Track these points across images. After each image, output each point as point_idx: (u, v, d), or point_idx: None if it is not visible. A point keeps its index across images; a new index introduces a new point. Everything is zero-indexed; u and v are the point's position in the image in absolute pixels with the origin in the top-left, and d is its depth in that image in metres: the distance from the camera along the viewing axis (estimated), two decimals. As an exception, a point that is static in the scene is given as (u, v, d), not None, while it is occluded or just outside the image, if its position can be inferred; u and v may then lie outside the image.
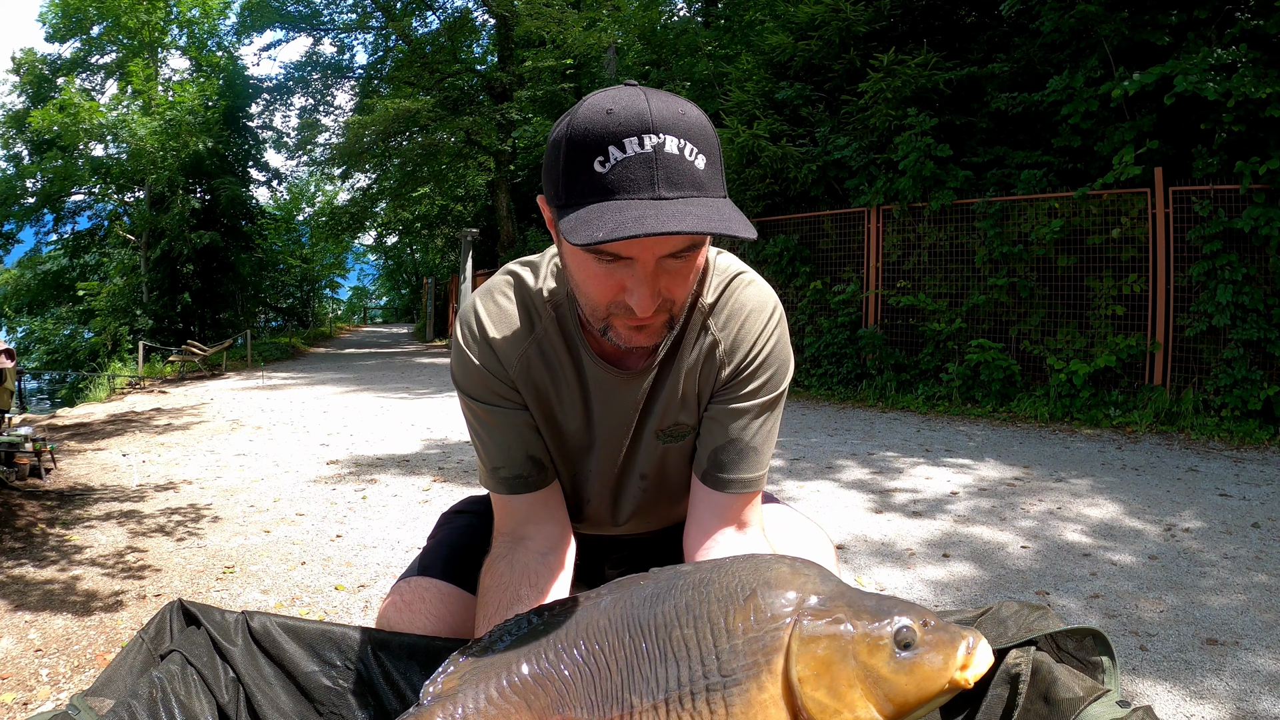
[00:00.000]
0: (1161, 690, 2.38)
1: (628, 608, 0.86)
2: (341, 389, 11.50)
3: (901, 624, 0.80)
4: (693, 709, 0.80)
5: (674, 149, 0.84)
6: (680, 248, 0.90)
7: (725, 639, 0.81)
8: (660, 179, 0.84)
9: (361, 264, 44.07)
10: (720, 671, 0.80)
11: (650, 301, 0.91)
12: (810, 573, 0.85)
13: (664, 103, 0.87)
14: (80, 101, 17.11)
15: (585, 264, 0.93)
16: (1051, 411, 7.21)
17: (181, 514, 4.59)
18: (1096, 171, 7.47)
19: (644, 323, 0.95)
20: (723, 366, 1.11)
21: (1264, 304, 6.44)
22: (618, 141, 0.84)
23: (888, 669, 0.79)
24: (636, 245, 0.88)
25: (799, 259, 9.53)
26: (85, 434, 7.60)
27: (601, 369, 1.10)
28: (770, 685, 0.79)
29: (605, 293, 0.93)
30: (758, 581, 0.84)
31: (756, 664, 0.80)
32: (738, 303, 1.11)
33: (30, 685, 2.54)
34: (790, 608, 0.82)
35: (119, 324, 17.75)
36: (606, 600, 0.88)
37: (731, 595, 0.83)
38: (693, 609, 0.83)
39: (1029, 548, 3.71)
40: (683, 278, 0.94)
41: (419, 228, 29.76)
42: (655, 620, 0.84)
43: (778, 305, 1.14)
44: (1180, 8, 7.09)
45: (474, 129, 19.52)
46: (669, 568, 0.90)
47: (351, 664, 1.06)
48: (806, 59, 9.79)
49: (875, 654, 0.79)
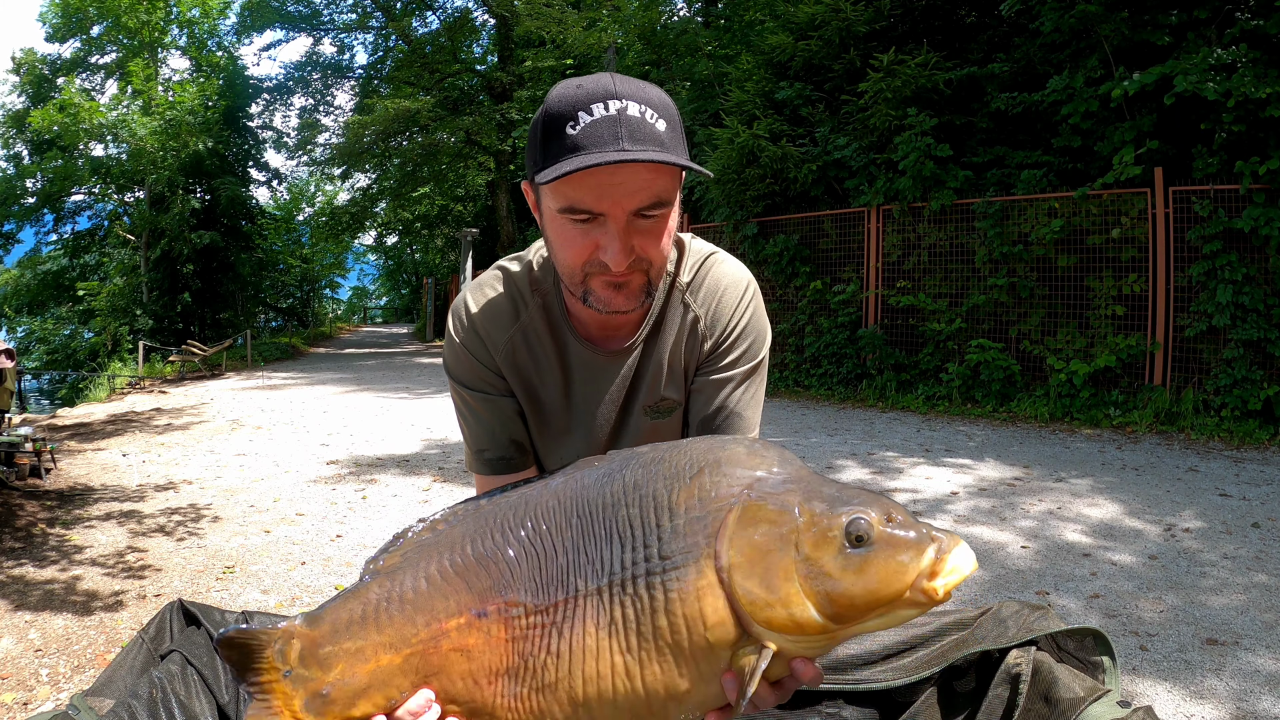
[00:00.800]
0: (1161, 690, 2.38)
1: (578, 488, 0.81)
2: (341, 389, 11.50)
3: (858, 515, 0.70)
4: (633, 593, 0.74)
5: (636, 113, 0.93)
6: (647, 203, 0.95)
7: (668, 518, 0.75)
8: (624, 135, 0.92)
9: (361, 264, 44.03)
10: (660, 554, 0.74)
11: (623, 255, 0.97)
12: (769, 454, 0.78)
13: (627, 80, 0.96)
14: (80, 101, 17.10)
15: (563, 228, 0.99)
16: (1051, 411, 7.20)
17: (181, 514, 4.59)
18: (1096, 171, 7.47)
19: (620, 279, 1.00)
20: (704, 340, 1.17)
21: (1264, 304, 6.44)
22: (586, 108, 0.93)
23: (834, 564, 0.70)
24: (607, 199, 0.94)
25: (799, 259, 9.53)
26: (85, 434, 7.60)
27: (587, 350, 1.15)
28: (710, 571, 0.73)
29: (581, 253, 0.99)
30: (708, 460, 0.77)
31: (697, 546, 0.73)
32: (714, 279, 1.17)
33: (30, 685, 2.54)
34: (738, 487, 0.75)
35: (119, 324, 17.74)
36: (557, 481, 0.84)
37: (679, 473, 0.77)
38: (640, 487, 0.78)
39: (1029, 548, 3.71)
40: (655, 237, 0.99)
41: (419, 228, 29.77)
42: (604, 500, 0.79)
43: (751, 280, 1.21)
44: (1180, 8, 7.09)
45: (474, 129, 19.52)
46: (626, 449, 0.85)
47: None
48: (806, 59, 9.78)
49: (821, 546, 0.70)
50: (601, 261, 0.98)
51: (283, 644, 0.82)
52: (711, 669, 0.74)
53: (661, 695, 0.75)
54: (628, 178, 0.94)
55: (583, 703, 0.76)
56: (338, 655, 0.81)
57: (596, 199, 0.94)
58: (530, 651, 0.77)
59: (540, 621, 0.77)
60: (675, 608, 0.73)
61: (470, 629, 0.79)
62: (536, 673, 0.77)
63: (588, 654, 0.75)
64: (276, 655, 0.82)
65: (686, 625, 0.73)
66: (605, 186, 0.94)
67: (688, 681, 0.75)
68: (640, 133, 0.92)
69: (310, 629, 0.82)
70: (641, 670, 0.74)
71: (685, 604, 0.73)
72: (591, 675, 0.75)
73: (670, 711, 0.77)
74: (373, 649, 0.80)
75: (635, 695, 0.75)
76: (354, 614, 0.82)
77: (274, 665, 0.82)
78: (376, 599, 0.82)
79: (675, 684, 0.75)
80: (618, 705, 0.76)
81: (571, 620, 0.76)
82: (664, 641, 0.73)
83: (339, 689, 0.81)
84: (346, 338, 28.37)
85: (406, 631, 0.80)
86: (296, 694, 0.81)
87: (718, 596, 0.72)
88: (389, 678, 0.80)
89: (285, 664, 0.81)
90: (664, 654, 0.74)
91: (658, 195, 0.96)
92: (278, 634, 0.82)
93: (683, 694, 0.75)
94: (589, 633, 0.75)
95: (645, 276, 1.02)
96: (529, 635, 0.78)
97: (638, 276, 1.01)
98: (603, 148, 0.91)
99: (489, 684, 0.79)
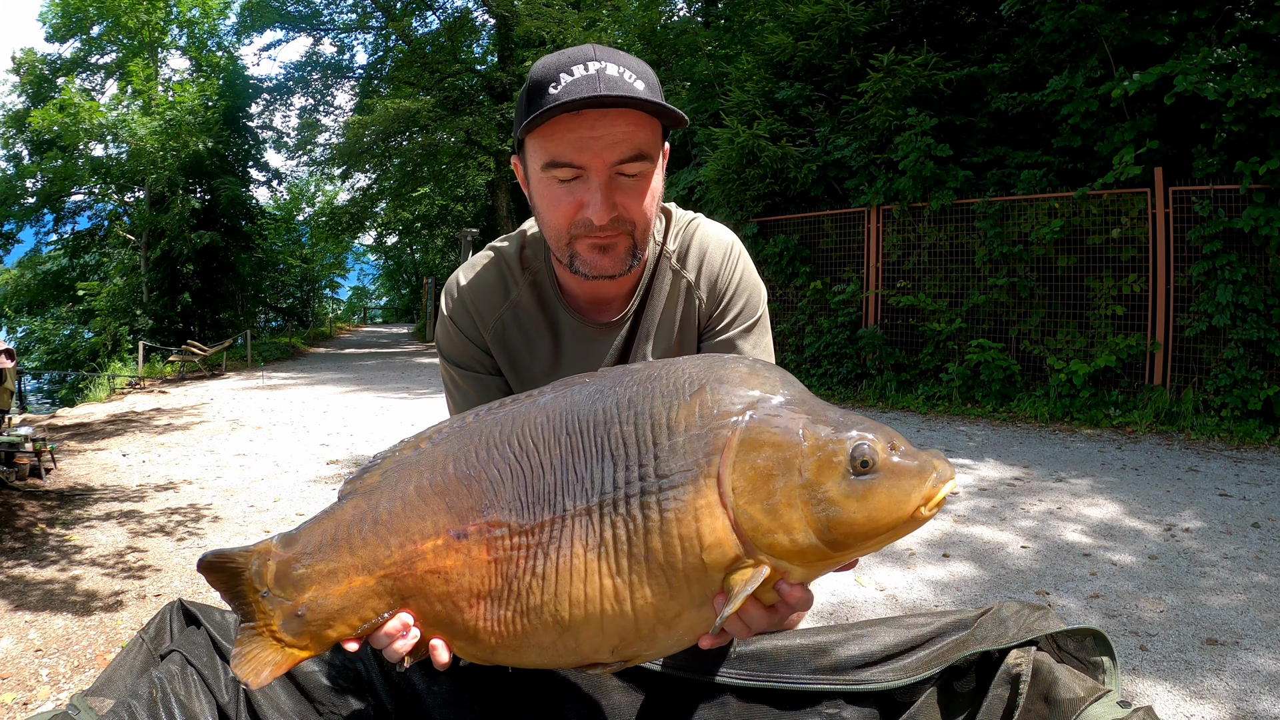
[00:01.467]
0: (1162, 690, 2.38)
1: (568, 404, 0.78)
2: (341, 389, 11.50)
3: (863, 442, 0.69)
4: (626, 513, 0.72)
5: (614, 72, 0.96)
6: (628, 154, 0.98)
7: (666, 436, 0.73)
8: (602, 88, 0.94)
9: (361, 264, 44.04)
10: (656, 473, 0.72)
11: (605, 209, 0.99)
12: (771, 375, 0.76)
13: (609, 50, 1.00)
14: (80, 101, 17.10)
15: (548, 189, 1.01)
16: (1051, 411, 7.20)
17: (181, 514, 4.59)
18: (1096, 171, 7.47)
19: (605, 240, 1.02)
20: (701, 303, 1.19)
21: (1264, 304, 6.44)
22: (567, 69, 0.96)
23: (838, 491, 0.69)
24: (587, 151, 0.97)
25: (799, 259, 9.53)
26: (85, 434, 7.60)
27: (579, 322, 1.17)
28: (709, 491, 0.71)
29: (566, 213, 1.01)
30: (709, 377, 0.75)
31: (696, 465, 0.71)
32: (700, 243, 1.19)
33: (30, 685, 2.54)
34: (740, 406, 0.72)
35: (119, 324, 17.74)
36: (547, 397, 0.81)
37: (678, 390, 0.75)
38: (635, 404, 0.75)
39: (1029, 548, 3.71)
40: (637, 195, 1.01)
41: (419, 228, 29.78)
42: (595, 417, 0.76)
43: (736, 240, 1.23)
44: (1180, 8, 7.09)
45: (474, 129, 19.52)
46: (618, 365, 0.83)
47: (351, 664, 1.06)
48: (806, 59, 9.78)
49: (826, 472, 0.69)
50: (586, 220, 1.00)
51: (259, 565, 0.81)
52: (703, 592, 0.73)
53: (651, 619, 0.73)
54: (607, 130, 0.96)
55: (569, 626, 0.74)
56: (311, 577, 0.80)
57: (577, 151, 0.97)
58: (514, 574, 0.75)
59: (525, 543, 0.75)
60: (671, 528, 0.71)
61: (448, 551, 0.77)
62: (521, 596, 0.75)
63: (575, 576, 0.73)
64: (255, 577, 0.81)
65: (682, 546, 0.71)
66: (585, 140, 0.96)
67: (679, 605, 0.73)
68: (619, 87, 0.95)
69: (284, 550, 0.81)
70: (632, 593, 0.72)
71: (682, 525, 0.71)
72: (579, 598, 0.73)
73: (659, 636, 0.75)
74: (345, 571, 0.79)
75: (624, 618, 0.73)
76: (327, 535, 0.80)
77: (254, 586, 0.81)
78: (351, 519, 0.80)
79: (666, 607, 0.73)
80: (605, 629, 0.74)
81: (559, 541, 0.74)
82: (656, 563, 0.72)
83: (313, 610, 0.80)
84: (346, 338, 28.38)
85: (379, 554, 0.78)
86: (275, 615, 0.81)
87: (716, 518, 0.70)
88: (363, 599, 0.79)
89: (263, 585, 0.81)
90: (656, 576, 0.72)
91: (638, 148, 0.98)
92: (254, 555, 0.81)
93: (672, 618, 0.74)
94: (577, 554, 0.73)
95: (630, 239, 1.04)
96: (513, 557, 0.75)
97: (623, 239, 1.03)
98: (581, 95, 0.94)
99: (469, 607, 0.77)
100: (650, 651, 0.77)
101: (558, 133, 0.97)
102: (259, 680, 0.80)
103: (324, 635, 0.80)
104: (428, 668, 1.06)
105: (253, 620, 0.81)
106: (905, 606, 3.07)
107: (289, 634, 0.81)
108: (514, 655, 0.79)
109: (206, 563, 0.81)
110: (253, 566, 0.81)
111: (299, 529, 0.83)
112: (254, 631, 0.81)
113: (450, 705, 1.04)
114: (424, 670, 1.05)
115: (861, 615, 3.00)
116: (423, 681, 1.05)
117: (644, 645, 0.76)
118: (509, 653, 0.78)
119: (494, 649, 0.78)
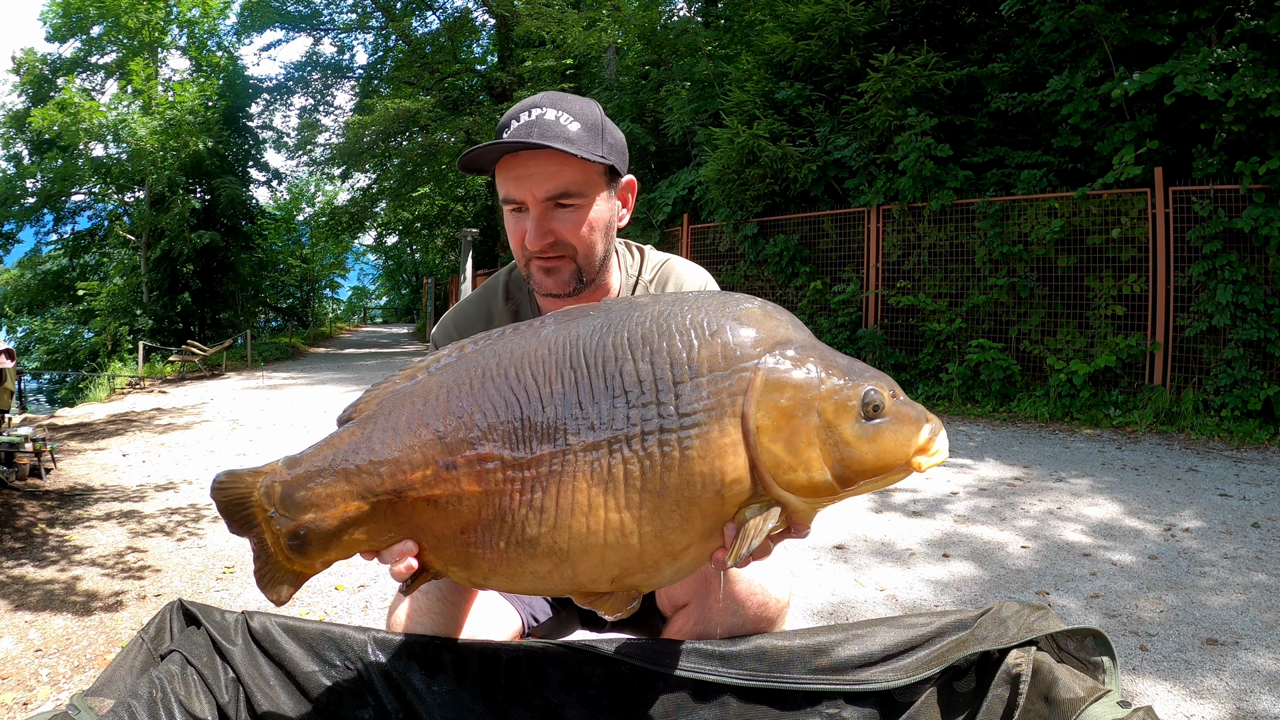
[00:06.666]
0: (1161, 690, 2.38)
1: (573, 338, 0.79)
2: (342, 389, 11.50)
3: (872, 388, 0.74)
4: (641, 451, 0.73)
5: (551, 116, 1.11)
6: (556, 191, 1.12)
7: (688, 375, 0.74)
8: (535, 132, 1.09)
9: (361, 264, 44.05)
10: (679, 411, 0.73)
11: (538, 236, 1.13)
12: (782, 317, 0.79)
13: (561, 96, 1.14)
14: (80, 101, 17.09)
15: (507, 219, 1.18)
16: (1051, 411, 7.20)
17: (181, 514, 4.59)
18: (1096, 171, 7.47)
19: (548, 263, 1.15)
20: None
21: (1264, 304, 6.44)
22: (516, 116, 1.13)
23: (851, 432, 0.73)
24: (522, 188, 1.12)
25: (799, 259, 9.53)
26: (85, 434, 7.60)
27: None
28: (733, 429, 0.73)
29: (518, 240, 1.17)
30: (726, 317, 0.77)
31: (720, 405, 0.73)
32: (677, 276, 1.32)
33: (30, 685, 2.54)
34: (760, 349, 0.75)
35: (119, 324, 17.74)
36: (549, 329, 0.81)
37: (697, 329, 0.76)
38: (650, 342, 0.76)
39: (1029, 548, 3.71)
40: (572, 225, 1.14)
41: (419, 228, 29.75)
42: (604, 353, 0.76)
43: (710, 278, 1.34)
44: (1180, 8, 7.09)
45: (474, 129, 19.51)
46: (623, 299, 0.83)
47: (351, 664, 1.06)
48: (806, 59, 9.78)
49: (841, 414, 0.74)
50: (527, 245, 1.15)
51: (266, 486, 0.84)
52: (714, 526, 0.75)
53: (658, 551, 0.75)
54: (537, 168, 1.11)
55: (567, 557, 0.76)
56: (310, 500, 0.82)
57: (516, 187, 1.13)
58: (508, 506, 0.76)
59: (520, 476, 0.76)
60: (692, 465, 0.73)
61: (437, 481, 0.78)
62: (516, 527, 0.76)
63: (577, 510, 0.74)
64: (263, 497, 0.84)
65: (702, 482, 0.73)
66: (520, 178, 1.12)
67: (688, 538, 0.75)
68: (550, 131, 1.09)
69: (288, 472, 0.85)
70: (640, 527, 0.74)
71: (705, 461, 0.73)
72: (580, 531, 0.74)
73: (663, 567, 0.77)
74: (341, 496, 0.82)
75: (627, 550, 0.75)
76: (326, 461, 0.83)
77: (262, 507, 0.84)
78: (347, 447, 0.83)
79: (675, 541, 0.75)
80: (606, 560, 0.75)
81: (560, 475, 0.75)
82: (672, 499, 0.73)
83: (313, 531, 0.82)
84: (346, 338, 28.37)
85: (371, 482, 0.81)
86: (280, 533, 0.84)
87: (739, 455, 0.73)
88: (358, 523, 0.82)
89: (271, 505, 0.84)
90: (668, 511, 0.74)
91: (565, 185, 1.12)
92: (262, 475, 0.85)
93: (680, 550, 0.76)
94: (579, 489, 0.74)
95: (574, 263, 1.16)
96: (506, 490, 0.76)
97: (565, 263, 1.16)
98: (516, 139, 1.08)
99: (462, 534, 0.79)
100: (652, 581, 0.79)
101: (503, 172, 1.14)
102: (281, 599, 0.85)
103: (325, 555, 0.84)
104: (428, 667, 1.06)
105: (263, 540, 0.85)
106: (905, 606, 3.07)
107: (293, 552, 0.84)
108: (508, 582, 0.81)
109: (219, 484, 0.85)
110: (261, 487, 0.85)
111: (302, 452, 0.86)
112: (265, 549, 0.85)
113: (450, 705, 1.04)
114: (424, 670, 1.05)
115: (861, 615, 3.00)
116: (423, 681, 1.05)
117: (646, 575, 0.78)
118: (503, 580, 0.80)
119: (487, 575, 0.80)
